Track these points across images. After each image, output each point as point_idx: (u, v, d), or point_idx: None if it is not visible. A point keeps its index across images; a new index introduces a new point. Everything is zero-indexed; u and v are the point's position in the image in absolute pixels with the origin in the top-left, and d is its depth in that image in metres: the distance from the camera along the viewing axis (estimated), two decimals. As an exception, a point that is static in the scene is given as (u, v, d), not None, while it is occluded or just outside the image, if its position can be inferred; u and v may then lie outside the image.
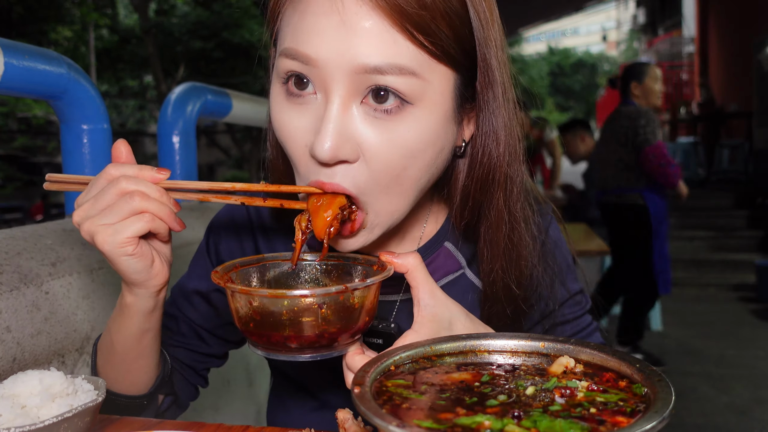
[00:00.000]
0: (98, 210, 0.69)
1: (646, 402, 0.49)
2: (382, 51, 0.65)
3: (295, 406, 1.04)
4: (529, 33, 26.35)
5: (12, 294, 1.03)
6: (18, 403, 0.68)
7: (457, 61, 0.70)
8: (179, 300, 1.00)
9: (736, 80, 10.17)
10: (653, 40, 18.36)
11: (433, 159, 0.73)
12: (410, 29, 0.65)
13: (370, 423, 0.46)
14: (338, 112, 0.67)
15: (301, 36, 0.67)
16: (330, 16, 0.65)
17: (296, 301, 0.61)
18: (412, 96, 0.67)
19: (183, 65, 16.08)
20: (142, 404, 0.91)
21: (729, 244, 7.13)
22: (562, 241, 0.95)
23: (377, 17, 0.64)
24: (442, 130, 0.72)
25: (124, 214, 0.68)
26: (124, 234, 0.69)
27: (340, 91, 0.67)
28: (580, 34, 54.94)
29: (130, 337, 0.82)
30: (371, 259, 0.72)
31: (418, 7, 0.65)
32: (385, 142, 0.68)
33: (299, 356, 0.64)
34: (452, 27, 0.68)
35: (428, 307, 0.70)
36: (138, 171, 0.70)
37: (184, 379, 1.00)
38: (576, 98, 40.58)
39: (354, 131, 0.68)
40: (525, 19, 11.56)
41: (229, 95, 2.10)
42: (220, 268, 0.69)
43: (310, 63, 0.67)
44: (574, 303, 0.94)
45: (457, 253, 0.90)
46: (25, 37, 13.42)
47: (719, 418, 3.34)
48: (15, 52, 1.19)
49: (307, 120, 0.70)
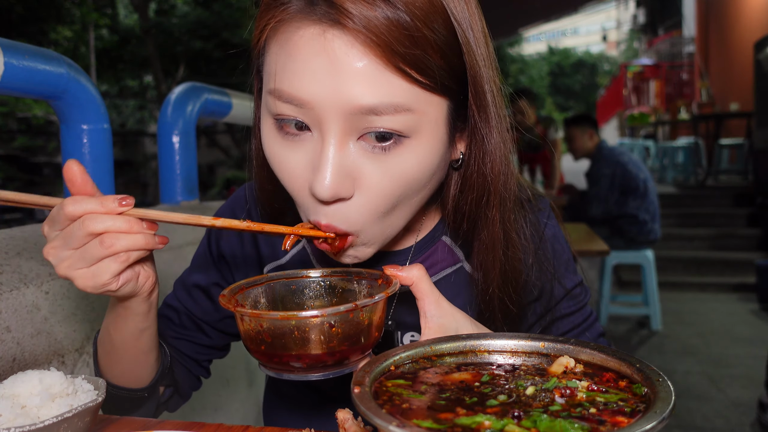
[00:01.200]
0: (70, 254, 0.67)
1: (646, 402, 0.49)
2: (376, 91, 0.64)
3: (292, 401, 1.04)
4: (529, 33, 26.35)
5: (12, 294, 1.03)
6: (18, 403, 0.68)
7: (449, 88, 0.70)
8: (181, 293, 1.01)
9: (736, 80, 10.17)
10: (653, 40, 18.36)
11: (428, 182, 0.73)
12: (403, 68, 0.64)
13: (370, 423, 0.46)
14: (335, 150, 0.66)
15: (292, 79, 0.66)
16: (321, 57, 0.64)
17: (306, 321, 0.61)
18: (409, 130, 0.67)
19: (183, 65, 16.09)
20: (143, 397, 0.91)
21: (729, 244, 7.13)
22: (560, 235, 0.95)
23: (369, 58, 0.63)
24: (437, 156, 0.72)
25: (98, 257, 0.67)
26: (103, 278, 0.68)
27: (336, 130, 0.66)
28: (580, 34, 54.94)
29: (128, 337, 0.82)
30: (375, 273, 0.72)
31: (410, 45, 0.63)
32: (382, 175, 0.68)
33: (311, 375, 0.64)
34: (444, 58, 0.67)
35: (434, 318, 0.70)
36: (99, 205, 0.66)
37: (186, 369, 1.01)
38: (576, 98, 40.59)
39: (351, 168, 0.68)
40: (525, 19, 11.55)
41: (229, 95, 2.10)
42: (227, 291, 0.68)
43: (305, 106, 0.66)
44: (574, 296, 0.95)
45: (454, 247, 0.90)
46: (25, 37, 13.42)
47: (719, 418, 3.34)
48: (15, 52, 1.19)
49: (303, 155, 0.69)
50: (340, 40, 0.63)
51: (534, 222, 0.91)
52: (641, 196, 4.58)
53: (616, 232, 4.69)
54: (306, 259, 0.94)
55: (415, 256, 0.90)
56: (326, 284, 0.75)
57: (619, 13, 33.05)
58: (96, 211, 0.66)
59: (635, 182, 4.58)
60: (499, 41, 17.84)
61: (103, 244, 0.66)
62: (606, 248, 3.41)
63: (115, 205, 0.66)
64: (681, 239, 7.26)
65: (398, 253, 0.91)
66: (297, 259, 0.94)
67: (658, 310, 4.96)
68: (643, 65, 16.14)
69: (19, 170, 18.63)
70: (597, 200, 4.65)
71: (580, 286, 0.96)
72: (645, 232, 4.64)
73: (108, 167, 1.53)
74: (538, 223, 0.92)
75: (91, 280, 0.68)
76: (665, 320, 5.11)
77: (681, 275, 6.64)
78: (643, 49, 21.57)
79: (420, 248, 0.90)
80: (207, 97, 1.97)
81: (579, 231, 4.09)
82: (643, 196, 4.59)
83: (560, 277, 0.92)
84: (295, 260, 0.94)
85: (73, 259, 0.67)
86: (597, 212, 4.65)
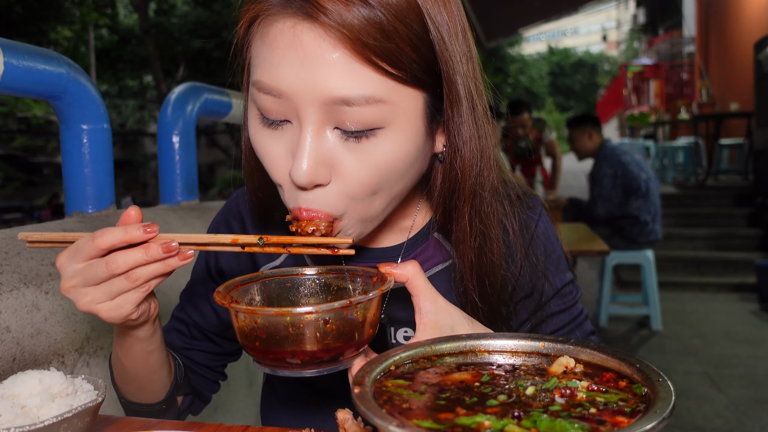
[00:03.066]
0: (91, 290, 0.69)
1: (646, 402, 0.49)
2: (349, 83, 0.65)
3: (288, 400, 1.04)
4: (529, 33, 26.32)
5: (12, 294, 1.03)
6: (18, 403, 0.68)
7: (424, 81, 0.71)
8: (187, 306, 1.03)
9: (736, 80, 10.17)
10: (653, 40, 18.36)
11: (406, 172, 0.74)
12: (375, 60, 0.65)
13: (370, 423, 0.46)
14: (312, 138, 0.68)
15: (270, 70, 0.68)
16: (295, 50, 0.66)
17: (301, 317, 0.61)
18: (383, 121, 0.68)
19: (183, 65, 16.09)
20: (161, 409, 0.94)
21: (729, 244, 7.12)
22: (552, 233, 0.96)
23: (341, 50, 0.65)
24: (413, 147, 0.73)
25: (122, 291, 0.69)
26: (127, 309, 0.70)
27: (312, 119, 0.68)
28: (580, 34, 54.94)
29: (137, 360, 0.85)
30: (370, 271, 0.73)
31: (380, 36, 0.65)
32: (358, 164, 0.70)
33: (305, 372, 0.64)
34: (416, 50, 0.69)
35: (429, 314, 0.70)
36: (124, 235, 0.67)
37: (203, 377, 1.04)
38: (576, 98, 40.61)
39: (328, 156, 0.69)
40: (525, 19, 11.56)
41: (229, 95, 2.10)
42: (222, 288, 0.69)
43: (282, 96, 0.68)
44: (565, 293, 0.95)
45: (446, 243, 0.91)
46: (25, 37, 13.41)
47: (719, 418, 3.34)
48: (15, 52, 1.19)
49: (284, 145, 0.72)
50: (310, 33, 0.65)
51: (524, 218, 0.92)
52: (643, 196, 4.57)
53: (617, 232, 4.68)
54: (300, 259, 0.95)
55: (406, 252, 0.91)
56: (321, 282, 0.76)
57: (619, 13, 33.06)
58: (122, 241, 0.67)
59: (636, 182, 4.56)
60: (499, 41, 17.84)
61: (129, 278, 0.68)
62: (606, 248, 3.40)
63: (140, 233, 0.68)
64: (681, 239, 7.26)
65: (390, 249, 0.92)
66: (290, 260, 0.95)
67: (658, 310, 4.95)
68: (643, 65, 16.14)
69: (19, 170, 18.63)
70: (601, 199, 4.61)
71: (571, 284, 0.97)
72: (646, 233, 4.63)
73: (108, 167, 1.53)
74: (529, 220, 0.93)
75: (116, 312, 0.70)
76: (665, 320, 5.11)
77: (681, 275, 6.64)
78: (643, 49, 21.58)
79: (411, 245, 0.91)
80: (207, 97, 1.97)
81: (579, 231, 4.09)
82: (645, 196, 4.57)
83: (550, 275, 0.93)
84: (289, 261, 0.95)
85: (95, 294, 0.69)
86: (602, 211, 4.62)
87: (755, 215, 7.37)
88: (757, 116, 8.04)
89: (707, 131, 9.87)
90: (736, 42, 10.27)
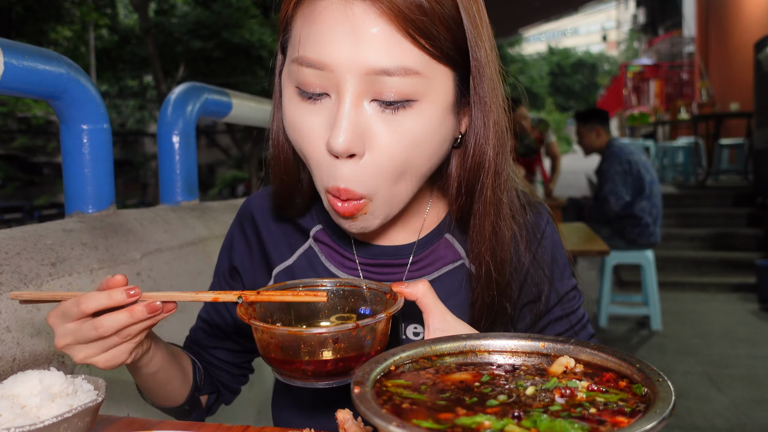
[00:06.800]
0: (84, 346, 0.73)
1: (646, 402, 0.49)
2: (389, 54, 0.70)
3: (297, 400, 1.05)
4: (529, 33, 26.32)
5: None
6: (18, 403, 0.68)
7: (454, 60, 0.76)
8: (208, 306, 1.08)
9: (736, 80, 10.17)
10: (653, 40, 18.36)
11: (436, 149, 0.78)
12: (413, 33, 0.70)
13: (370, 423, 0.46)
14: (351, 108, 0.72)
15: (315, 45, 0.72)
16: (342, 24, 0.70)
17: (311, 337, 0.67)
18: (417, 93, 0.73)
19: (183, 65, 16.09)
20: (185, 410, 1.00)
21: (729, 244, 7.12)
22: (558, 240, 0.99)
23: (383, 23, 0.69)
24: (443, 123, 0.77)
25: (114, 344, 0.74)
26: (122, 358, 0.76)
27: (352, 91, 0.71)
28: (580, 34, 54.96)
29: (143, 380, 0.90)
30: (384, 287, 0.77)
31: (419, 13, 0.70)
32: (392, 135, 0.73)
33: (317, 383, 0.70)
34: (449, 30, 0.74)
35: (438, 332, 0.74)
36: (108, 300, 0.71)
37: (229, 373, 1.10)
38: (576, 98, 40.62)
39: (365, 127, 0.73)
40: (525, 19, 11.55)
41: (229, 95, 2.10)
42: (244, 302, 0.74)
43: (325, 69, 0.72)
44: (568, 300, 0.98)
45: (456, 244, 0.94)
46: (25, 37, 13.42)
47: (719, 418, 3.34)
48: (15, 52, 1.19)
49: (321, 118, 0.75)
50: (358, 7, 0.70)
51: (533, 223, 0.95)
52: (647, 198, 4.57)
53: (618, 232, 4.68)
54: (313, 257, 0.96)
55: (418, 251, 0.93)
56: (339, 293, 0.81)
57: (619, 13, 33.07)
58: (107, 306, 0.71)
59: (641, 183, 4.56)
60: (499, 41, 17.79)
61: (119, 336, 0.73)
62: (606, 248, 3.41)
63: (123, 297, 0.71)
64: (681, 239, 7.26)
65: (402, 248, 0.94)
66: (303, 258, 0.97)
67: (658, 310, 4.95)
68: (643, 65, 16.14)
69: (19, 170, 18.64)
70: (614, 195, 4.60)
71: (575, 290, 0.99)
72: (646, 235, 4.63)
73: (108, 167, 1.53)
74: (537, 225, 0.96)
75: (112, 362, 0.75)
76: (665, 320, 5.11)
77: (681, 275, 6.64)
78: (643, 49, 21.58)
79: (423, 244, 0.94)
80: (207, 97, 1.97)
81: (579, 231, 4.08)
82: (648, 198, 4.57)
83: (556, 281, 0.96)
84: (302, 259, 0.97)
85: (89, 350, 0.74)
86: (617, 208, 4.60)
87: (755, 215, 7.37)
88: (757, 116, 8.03)
89: (707, 131, 9.87)
90: (736, 42, 10.26)
